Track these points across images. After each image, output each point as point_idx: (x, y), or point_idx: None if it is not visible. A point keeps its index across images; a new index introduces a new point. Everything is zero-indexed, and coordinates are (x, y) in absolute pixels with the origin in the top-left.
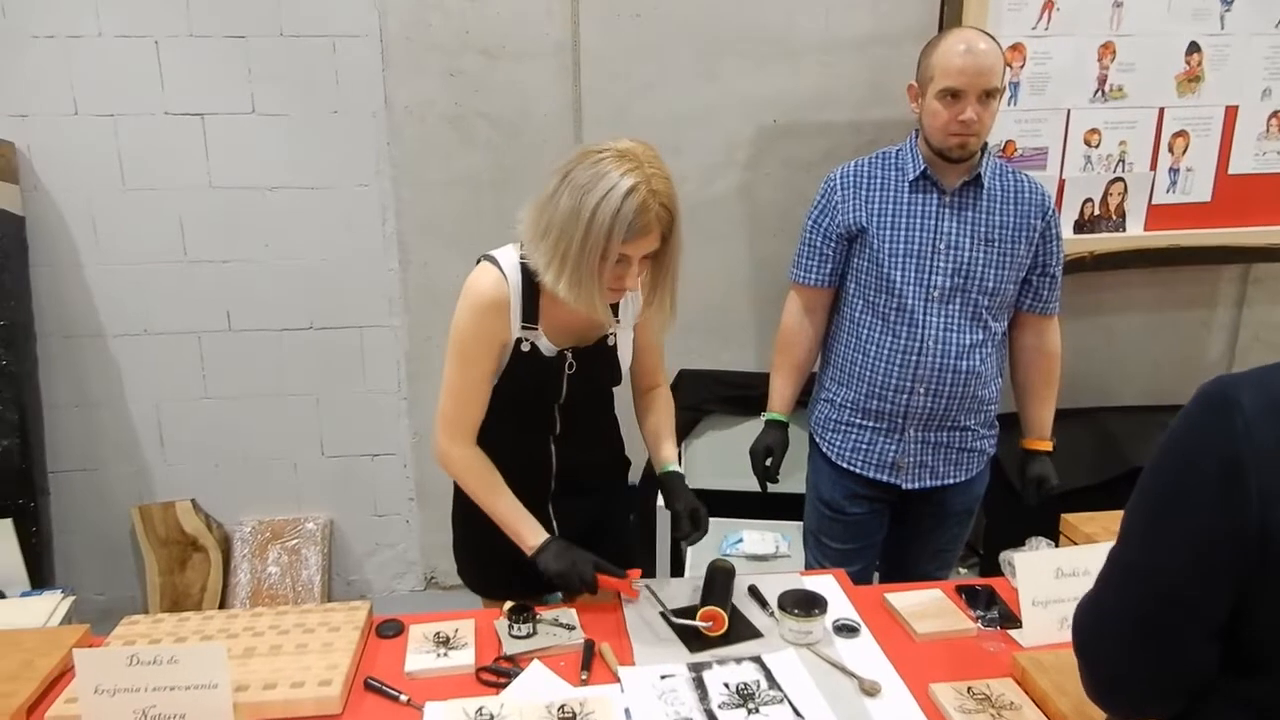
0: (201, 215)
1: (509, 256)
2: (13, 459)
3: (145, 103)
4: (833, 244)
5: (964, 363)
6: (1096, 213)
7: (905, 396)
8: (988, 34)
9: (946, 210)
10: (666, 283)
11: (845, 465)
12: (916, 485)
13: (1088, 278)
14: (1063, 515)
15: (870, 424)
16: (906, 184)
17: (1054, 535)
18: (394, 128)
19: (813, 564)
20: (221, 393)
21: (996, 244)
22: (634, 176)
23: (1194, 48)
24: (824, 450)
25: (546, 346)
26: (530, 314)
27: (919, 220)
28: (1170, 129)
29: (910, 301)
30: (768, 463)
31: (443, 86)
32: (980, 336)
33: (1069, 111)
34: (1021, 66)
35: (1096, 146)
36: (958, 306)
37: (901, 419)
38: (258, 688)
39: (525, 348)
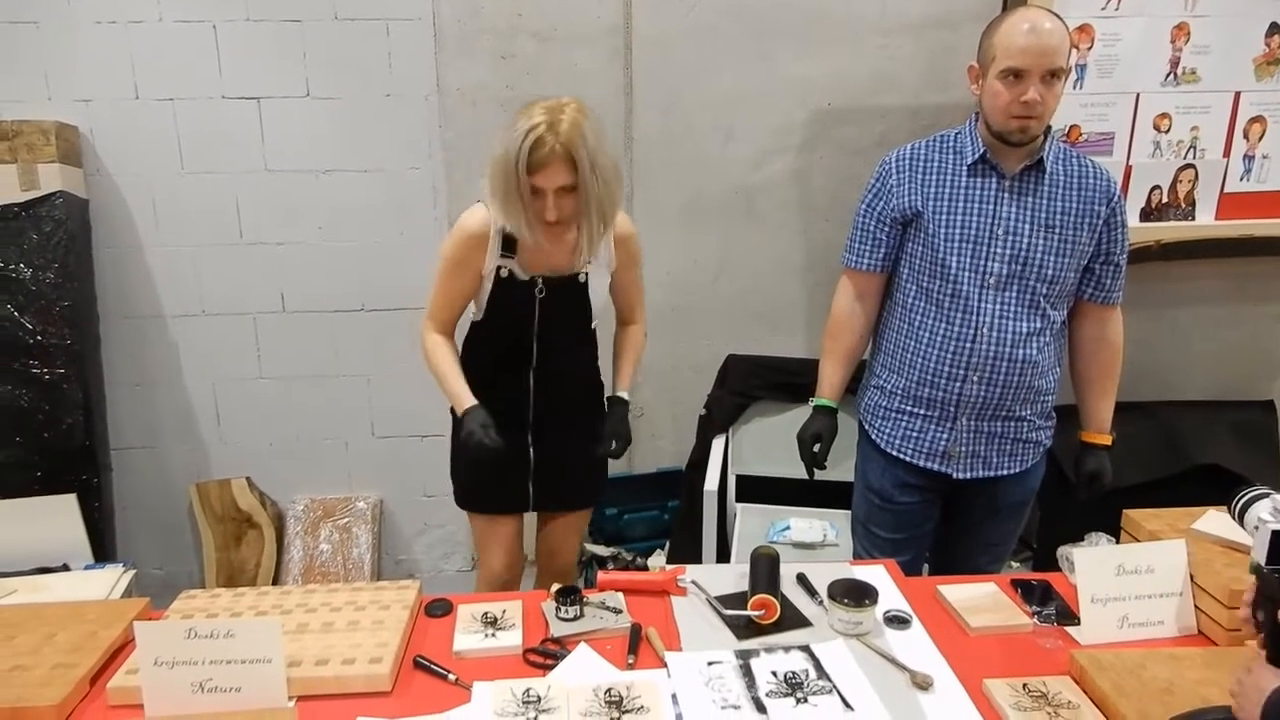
0: (257, 198)
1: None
2: (77, 435)
3: (203, 87)
4: (886, 228)
5: (1020, 351)
6: (1165, 200)
7: (958, 384)
8: (1054, 13)
9: (1006, 195)
10: (585, 219)
11: (895, 453)
12: (968, 475)
13: (1154, 268)
14: (1124, 511)
15: (921, 411)
16: (965, 167)
17: (1113, 531)
18: (446, 111)
19: (861, 553)
20: (276, 373)
21: (1058, 230)
22: (541, 117)
23: (1274, 29)
24: (873, 438)
25: (520, 272)
26: (509, 246)
27: (977, 205)
28: (1246, 114)
29: (965, 287)
30: (815, 449)
31: (494, 70)
32: (1038, 325)
33: (1138, 95)
34: (1089, 48)
35: (1166, 132)
36: (1015, 294)
37: (954, 407)
38: (310, 663)
39: (504, 274)
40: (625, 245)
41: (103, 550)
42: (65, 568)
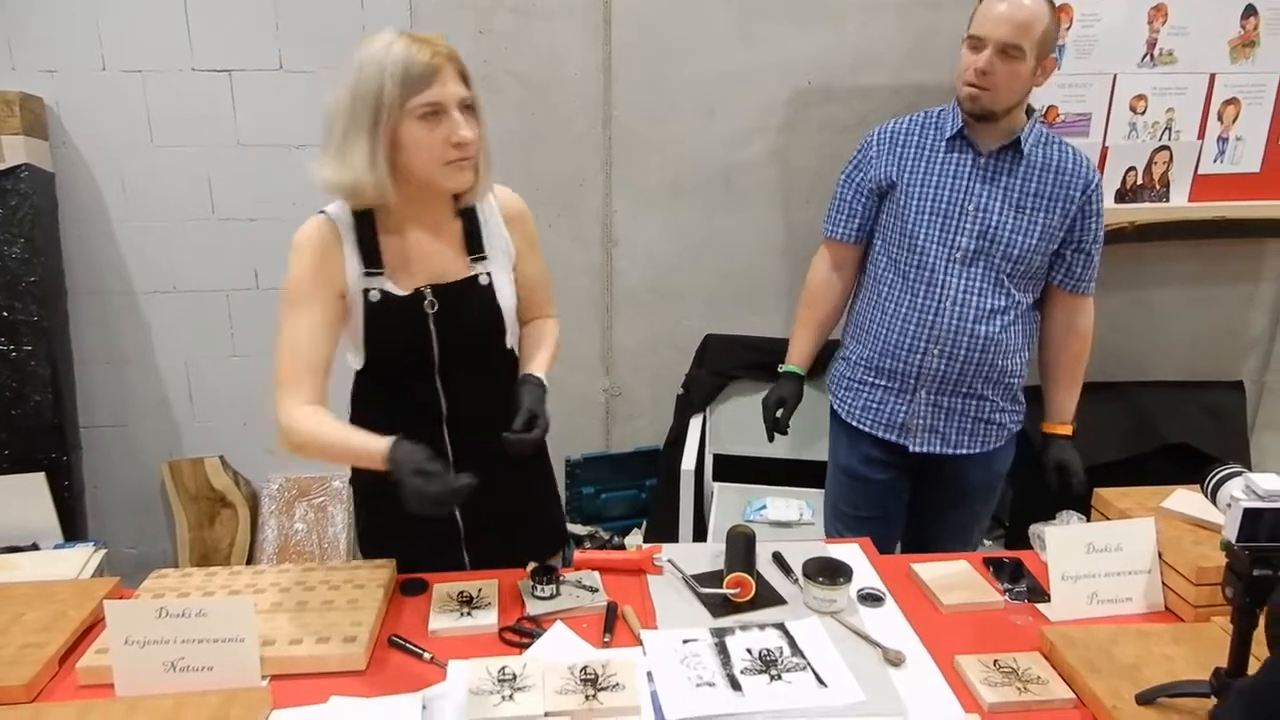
0: (229, 173)
1: (335, 206)
2: (45, 414)
3: (173, 59)
4: (863, 199)
5: (982, 327)
6: (1139, 182)
7: (919, 357)
8: None
9: (980, 172)
10: (484, 142)
11: (855, 424)
12: (924, 449)
13: (1128, 249)
14: (1095, 490)
15: (882, 383)
16: (943, 142)
17: (1085, 509)
18: None
19: (830, 532)
20: (249, 350)
21: (1028, 211)
22: (392, 35)
23: (1250, 11)
24: (837, 410)
25: (396, 290)
26: (372, 259)
27: (950, 180)
28: (1221, 96)
29: (932, 260)
30: (778, 414)
31: (472, 45)
32: (1002, 303)
33: (1115, 76)
34: (1068, 28)
35: (1142, 113)
36: (980, 270)
37: (913, 379)
38: (284, 643)
39: (374, 297)
40: (522, 224)
41: (73, 529)
42: (35, 547)
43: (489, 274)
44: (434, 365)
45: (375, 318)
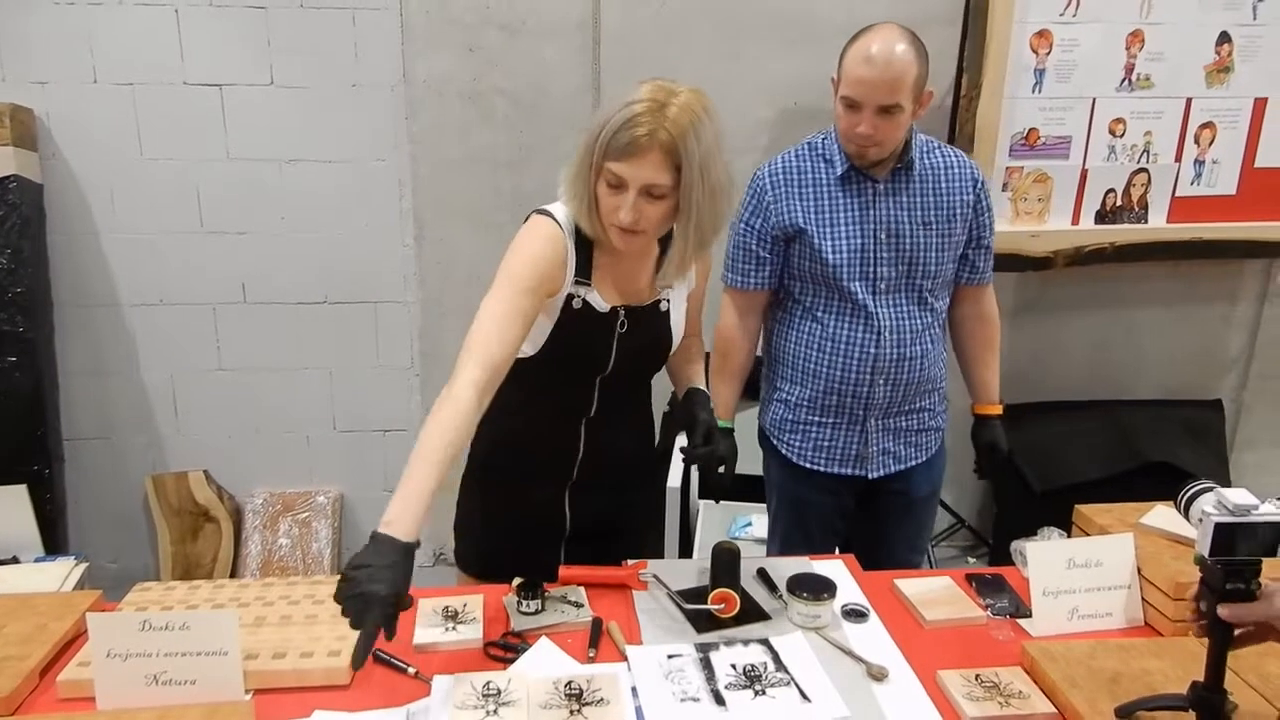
0: (218, 186)
1: (560, 210)
2: (28, 425)
3: (164, 72)
4: (768, 245)
5: (917, 348)
6: (1119, 204)
7: (865, 389)
8: (913, 37)
9: (883, 199)
10: (680, 237)
11: (809, 466)
12: (882, 473)
13: (1108, 269)
14: (1076, 506)
15: (830, 420)
16: (836, 178)
17: (1066, 526)
18: (412, 102)
19: (773, 553)
20: (236, 364)
21: (935, 225)
22: (646, 94)
23: (1224, 38)
24: (784, 453)
25: (599, 303)
26: (584, 268)
27: (856, 213)
28: (1197, 120)
29: (859, 296)
30: (721, 470)
31: (462, 62)
32: (928, 320)
33: (1094, 100)
34: (1048, 53)
35: (1121, 136)
36: (904, 294)
37: (862, 411)
38: (267, 656)
39: (577, 304)
40: (705, 261)
41: (54, 543)
42: (15, 560)
43: (668, 301)
44: (607, 372)
45: (570, 322)
